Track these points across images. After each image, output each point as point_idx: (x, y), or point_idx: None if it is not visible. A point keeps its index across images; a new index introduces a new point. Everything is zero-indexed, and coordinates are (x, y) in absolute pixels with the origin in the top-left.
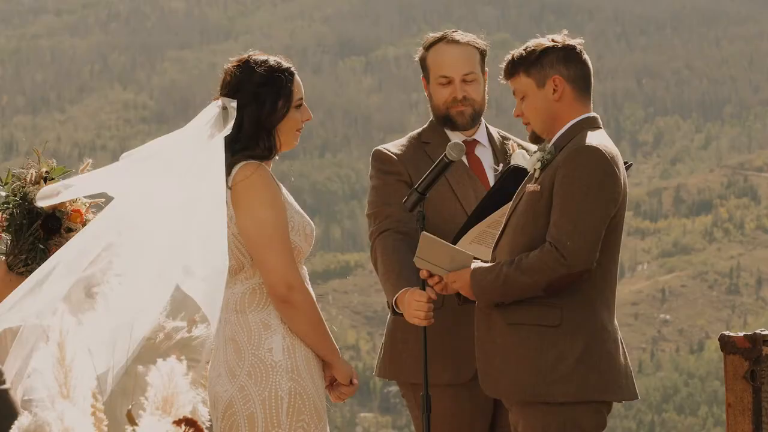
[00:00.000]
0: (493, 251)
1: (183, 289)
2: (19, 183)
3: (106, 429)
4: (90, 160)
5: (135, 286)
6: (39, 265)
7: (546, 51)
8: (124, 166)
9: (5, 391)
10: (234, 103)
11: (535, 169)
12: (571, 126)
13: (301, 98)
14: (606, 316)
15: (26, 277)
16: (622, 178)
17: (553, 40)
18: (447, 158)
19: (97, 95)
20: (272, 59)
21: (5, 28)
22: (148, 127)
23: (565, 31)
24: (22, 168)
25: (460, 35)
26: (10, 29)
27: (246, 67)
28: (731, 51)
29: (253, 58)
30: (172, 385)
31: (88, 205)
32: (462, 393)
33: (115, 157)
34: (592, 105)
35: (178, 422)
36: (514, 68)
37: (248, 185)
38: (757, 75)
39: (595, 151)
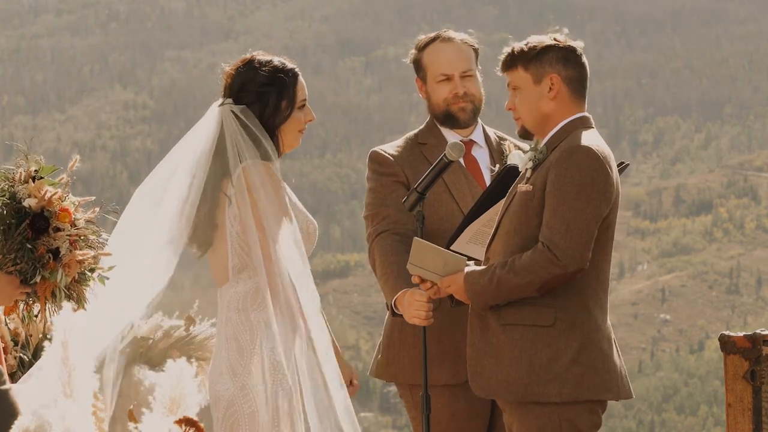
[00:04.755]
0: (486, 252)
1: None
2: (7, 182)
3: (106, 429)
4: (78, 156)
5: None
6: (27, 265)
7: (547, 49)
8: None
9: (5, 391)
10: (235, 107)
11: (526, 169)
12: (564, 125)
13: (305, 99)
14: (599, 316)
15: (15, 276)
16: (614, 177)
17: (555, 39)
18: (446, 158)
19: (97, 95)
20: (276, 60)
21: (5, 28)
22: (148, 127)
23: (566, 31)
24: (11, 167)
25: (454, 33)
26: (10, 29)
27: (250, 67)
28: (731, 51)
29: (257, 58)
30: (181, 386)
31: (77, 203)
32: (459, 393)
33: (115, 157)
34: (586, 107)
35: (178, 422)
36: (513, 61)
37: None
38: (757, 75)
39: (587, 150)
